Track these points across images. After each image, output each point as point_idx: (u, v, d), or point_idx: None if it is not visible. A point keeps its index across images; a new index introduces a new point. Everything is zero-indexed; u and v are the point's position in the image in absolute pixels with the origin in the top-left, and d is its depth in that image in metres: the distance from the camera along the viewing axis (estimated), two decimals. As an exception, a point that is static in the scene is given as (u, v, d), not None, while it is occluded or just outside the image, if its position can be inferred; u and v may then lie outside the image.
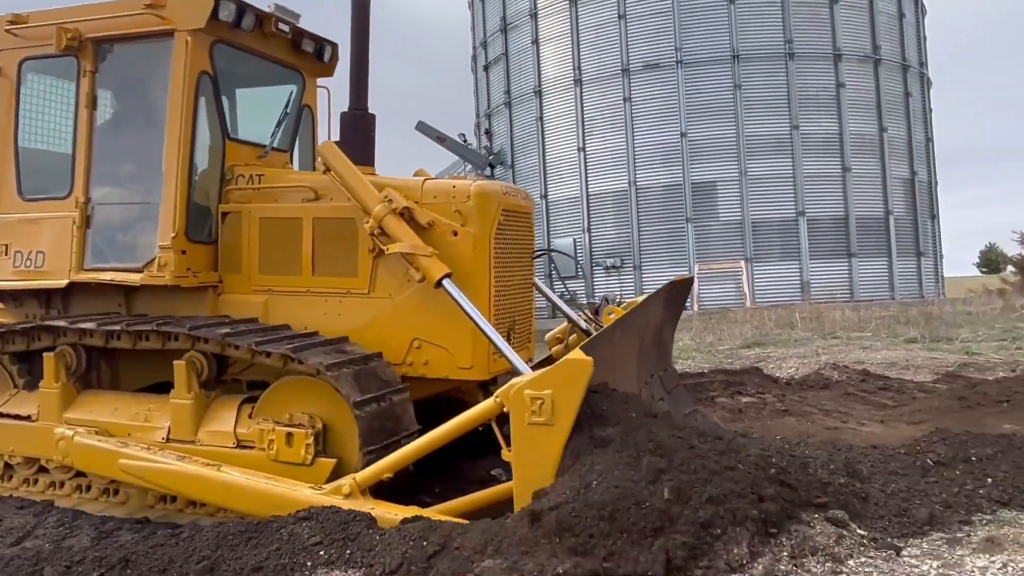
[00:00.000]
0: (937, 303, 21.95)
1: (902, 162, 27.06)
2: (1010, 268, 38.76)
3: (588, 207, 26.72)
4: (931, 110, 29.59)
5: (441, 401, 5.83)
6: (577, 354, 3.97)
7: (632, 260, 25.71)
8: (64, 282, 5.99)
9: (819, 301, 22.35)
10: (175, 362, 5.35)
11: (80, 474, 5.59)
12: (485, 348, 5.34)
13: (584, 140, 27.08)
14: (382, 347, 5.41)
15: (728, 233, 25.11)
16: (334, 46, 7.02)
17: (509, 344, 5.04)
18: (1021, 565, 3.29)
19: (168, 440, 5.36)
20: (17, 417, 5.87)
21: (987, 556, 3.46)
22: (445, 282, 5.17)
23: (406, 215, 5.36)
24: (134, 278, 5.82)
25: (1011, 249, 37.90)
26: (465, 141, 31.16)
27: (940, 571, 3.35)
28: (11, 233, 6.29)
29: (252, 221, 5.95)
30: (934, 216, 28.80)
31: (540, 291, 6.75)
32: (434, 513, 4.36)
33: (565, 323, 6.99)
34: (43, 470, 5.79)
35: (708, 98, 25.49)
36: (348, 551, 3.80)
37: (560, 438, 3.92)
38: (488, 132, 31.73)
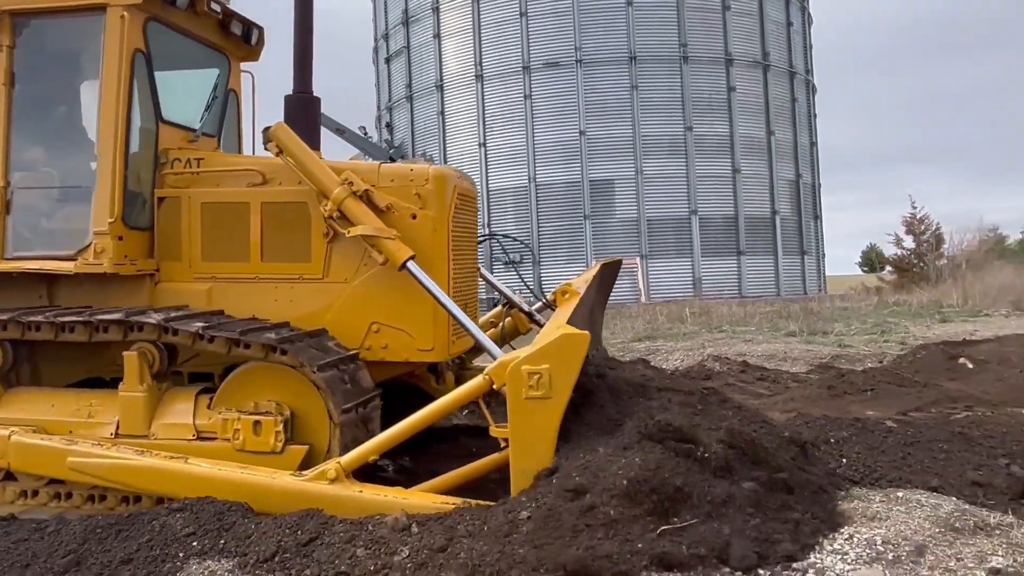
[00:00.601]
0: (818, 299, 23.06)
1: (788, 164, 28.32)
2: (888, 267, 41.04)
3: (488, 202, 26.88)
4: (816, 115, 31.04)
5: (393, 386, 5.65)
6: (570, 329, 4.07)
7: (531, 255, 26.03)
8: None
9: (709, 297, 23.15)
10: (126, 353, 5.04)
11: None
12: (445, 329, 5.40)
13: (485, 136, 27.24)
14: (338, 332, 5.33)
15: (624, 230, 25.74)
16: (261, 29, 6.82)
17: None
18: (865, 536, 3.54)
19: (117, 435, 5.05)
20: None
21: (835, 528, 3.70)
22: (410, 264, 5.17)
23: (365, 198, 5.29)
24: (66, 266, 5.48)
25: (888, 250, 40.18)
26: (366, 134, 30.83)
27: (792, 543, 3.56)
28: None
29: (193, 206, 5.71)
30: (817, 217, 30.24)
31: (482, 276, 6.70)
32: (423, 492, 4.41)
33: (499, 307, 6.95)
34: None
35: (606, 98, 26.03)
36: (222, 541, 3.77)
37: (558, 411, 4.02)
38: (389, 125, 31.51)
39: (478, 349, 5.77)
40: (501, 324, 6.82)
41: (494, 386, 4.28)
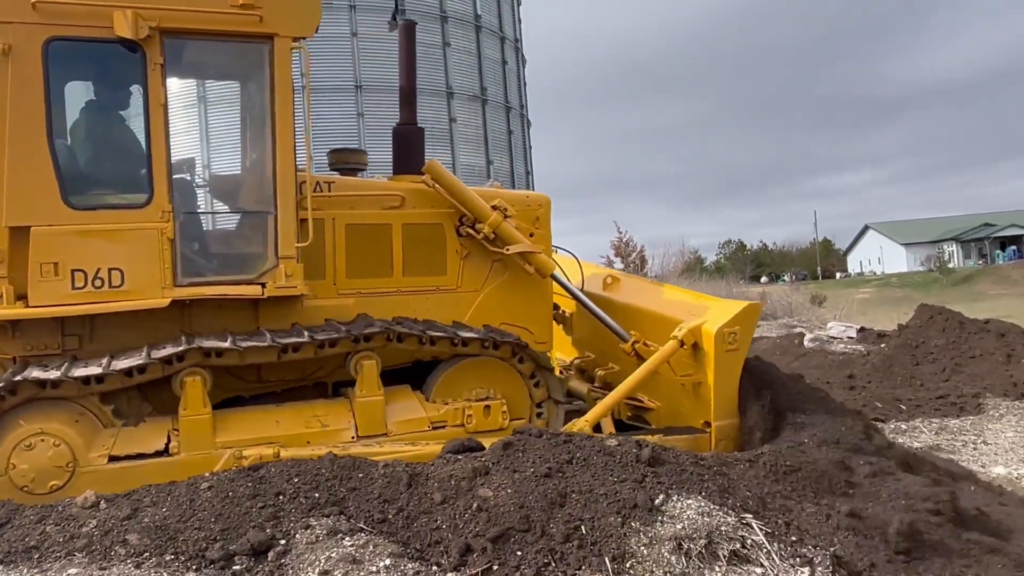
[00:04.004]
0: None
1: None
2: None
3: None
4: (531, 147, 33.78)
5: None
6: (742, 303, 6.12)
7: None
8: (166, 301, 5.27)
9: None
10: (365, 362, 5.60)
11: None
12: (550, 326, 6.90)
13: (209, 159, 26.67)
14: None
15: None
16: None
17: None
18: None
19: (358, 438, 5.52)
20: (141, 456, 5.10)
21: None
22: (555, 273, 6.68)
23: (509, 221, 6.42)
24: (252, 291, 5.49)
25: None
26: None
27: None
28: (62, 249, 5.13)
29: (338, 228, 6.12)
30: (534, 240, 32.80)
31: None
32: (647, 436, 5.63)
33: None
34: None
35: (334, 124, 26.60)
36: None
37: (742, 359, 6.04)
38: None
39: None
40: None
41: (683, 345, 5.99)
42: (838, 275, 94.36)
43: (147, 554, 3.73)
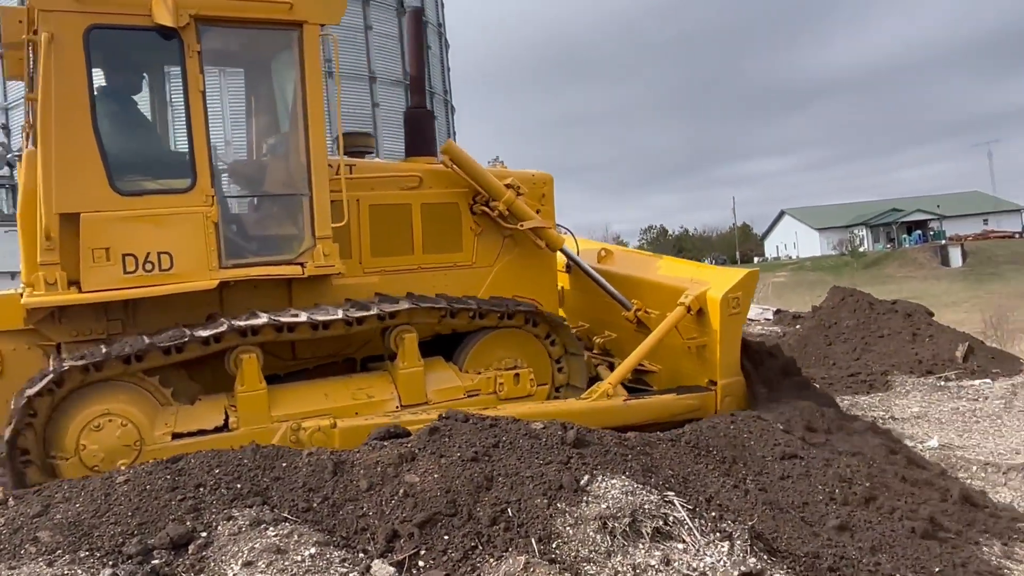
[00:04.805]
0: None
1: (431, 177, 30.34)
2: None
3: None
4: (455, 133, 33.65)
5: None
6: (742, 270, 6.58)
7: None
8: (214, 283, 5.45)
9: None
10: (406, 336, 5.90)
11: None
12: (556, 296, 7.37)
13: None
14: None
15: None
16: None
17: None
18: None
19: (401, 407, 5.80)
20: (202, 432, 5.30)
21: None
22: (565, 247, 7.15)
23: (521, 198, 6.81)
24: (293, 271, 5.70)
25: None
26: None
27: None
28: (112, 235, 5.22)
29: (363, 208, 6.31)
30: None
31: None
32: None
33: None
34: None
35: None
36: None
37: (743, 322, 6.59)
38: (5, 127, 28.41)
39: None
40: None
41: (689, 311, 6.44)
42: (756, 259, 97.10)
43: (60, 551, 3.60)
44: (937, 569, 4.25)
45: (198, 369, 5.56)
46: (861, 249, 76.62)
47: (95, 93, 5.26)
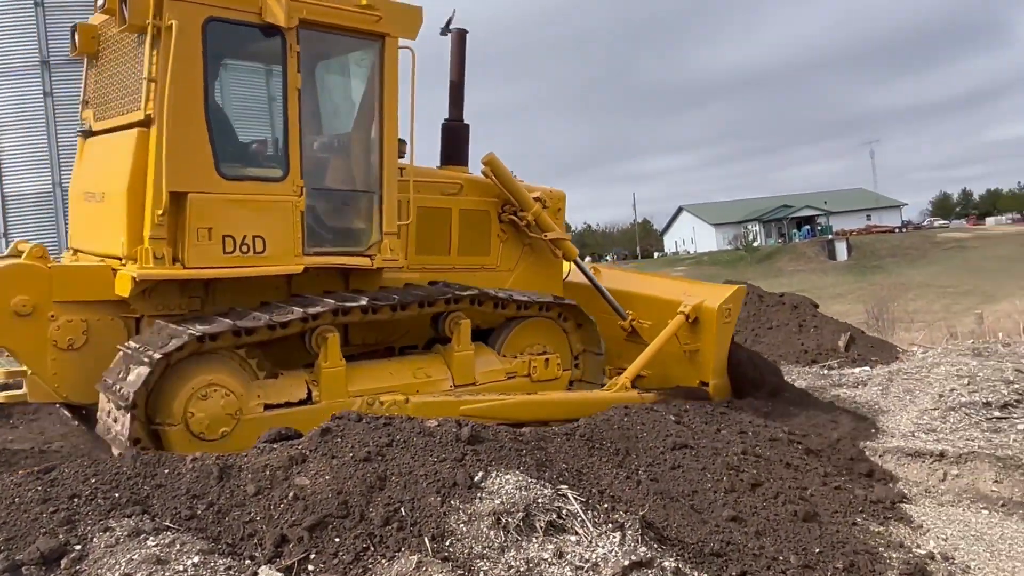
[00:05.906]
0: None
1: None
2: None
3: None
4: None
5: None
6: (731, 286, 7.88)
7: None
8: (300, 267, 5.84)
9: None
10: (462, 322, 6.46)
11: None
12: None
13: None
14: None
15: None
16: None
17: None
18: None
19: (456, 387, 6.37)
20: (288, 404, 5.65)
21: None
22: (577, 259, 7.87)
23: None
24: (363, 262, 6.16)
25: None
26: None
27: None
28: (215, 215, 5.52)
29: (412, 209, 6.49)
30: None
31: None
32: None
33: None
34: None
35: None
36: None
37: (732, 330, 7.52)
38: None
39: None
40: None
41: (688, 319, 7.24)
42: (656, 254, 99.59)
43: (-84, 573, 3.35)
44: (818, 550, 4.44)
45: (271, 347, 5.83)
46: (755, 244, 79.56)
47: (208, 81, 5.55)
